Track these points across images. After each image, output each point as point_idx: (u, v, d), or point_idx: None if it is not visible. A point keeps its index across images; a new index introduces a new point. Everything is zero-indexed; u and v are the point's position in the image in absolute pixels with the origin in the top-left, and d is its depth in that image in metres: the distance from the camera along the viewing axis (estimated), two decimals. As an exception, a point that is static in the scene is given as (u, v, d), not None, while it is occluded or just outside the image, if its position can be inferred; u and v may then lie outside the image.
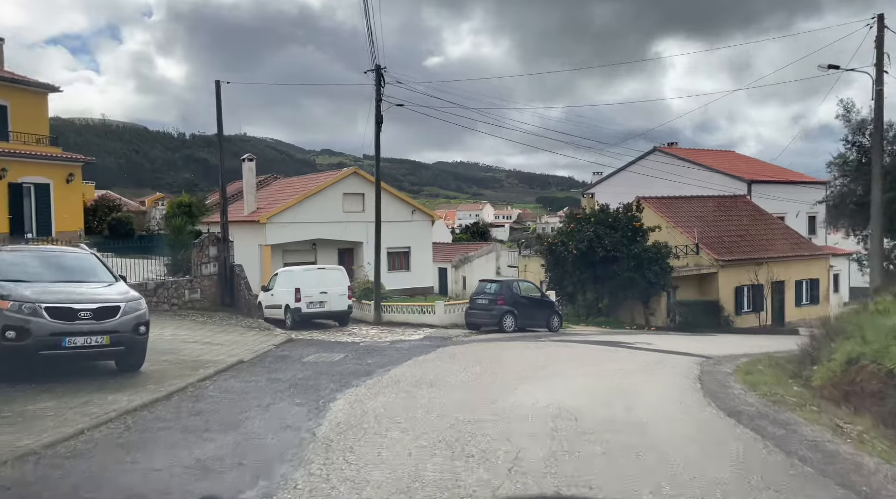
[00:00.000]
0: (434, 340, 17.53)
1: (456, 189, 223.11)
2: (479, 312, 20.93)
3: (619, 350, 15.61)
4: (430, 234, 36.24)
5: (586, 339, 19.16)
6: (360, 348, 15.20)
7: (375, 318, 22.37)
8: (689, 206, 33.54)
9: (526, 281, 22.69)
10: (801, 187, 38.85)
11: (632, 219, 27.59)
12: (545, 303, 21.85)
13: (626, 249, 26.93)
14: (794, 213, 38.67)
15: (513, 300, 20.81)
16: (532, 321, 21.37)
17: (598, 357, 14.09)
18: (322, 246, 33.98)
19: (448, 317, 21.88)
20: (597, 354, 14.57)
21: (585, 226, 27.80)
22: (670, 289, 27.37)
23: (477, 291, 21.42)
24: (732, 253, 30.29)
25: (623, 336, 21.11)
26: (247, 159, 33.90)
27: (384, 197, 34.68)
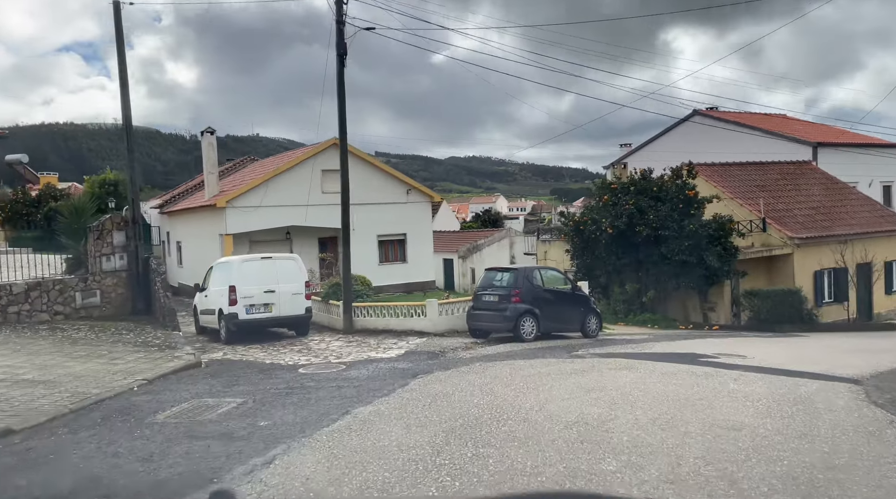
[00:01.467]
0: (416, 360, 11.61)
1: (469, 184, 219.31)
2: (485, 314, 14.97)
3: (716, 374, 9.53)
4: (429, 217, 30.30)
5: (643, 349, 13.12)
6: (285, 384, 9.31)
7: (346, 324, 16.47)
8: (747, 174, 27.26)
9: (550, 269, 16.68)
10: (873, 152, 32.34)
11: (683, 187, 21.44)
12: (578, 298, 15.82)
13: (678, 226, 20.80)
14: (865, 182, 32.17)
15: (533, 296, 14.83)
16: (560, 324, 15.38)
17: (692, 392, 8.02)
18: (299, 235, 28.15)
19: (444, 320, 15.94)
20: (687, 386, 8.51)
21: (623, 198, 21.68)
22: (736, 275, 21.20)
23: (483, 285, 15.46)
24: (808, 229, 24.00)
25: (690, 343, 15.00)
26: (206, 132, 28.14)
27: (370, 172, 28.74)
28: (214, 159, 28.33)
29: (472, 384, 8.59)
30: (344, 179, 17.09)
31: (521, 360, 11.37)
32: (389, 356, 12.31)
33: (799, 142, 31.12)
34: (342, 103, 16.64)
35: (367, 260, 28.18)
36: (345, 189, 17.11)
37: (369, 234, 28.34)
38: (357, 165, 28.11)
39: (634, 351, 12.83)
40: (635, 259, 21.74)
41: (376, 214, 28.42)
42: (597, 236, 22.21)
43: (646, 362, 10.88)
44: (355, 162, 28.15)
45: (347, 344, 14.43)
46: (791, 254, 23.06)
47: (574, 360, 11.31)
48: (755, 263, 22.78)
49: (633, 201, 21.21)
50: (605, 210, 22.23)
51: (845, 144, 31.22)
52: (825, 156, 30.51)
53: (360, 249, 28.41)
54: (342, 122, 16.87)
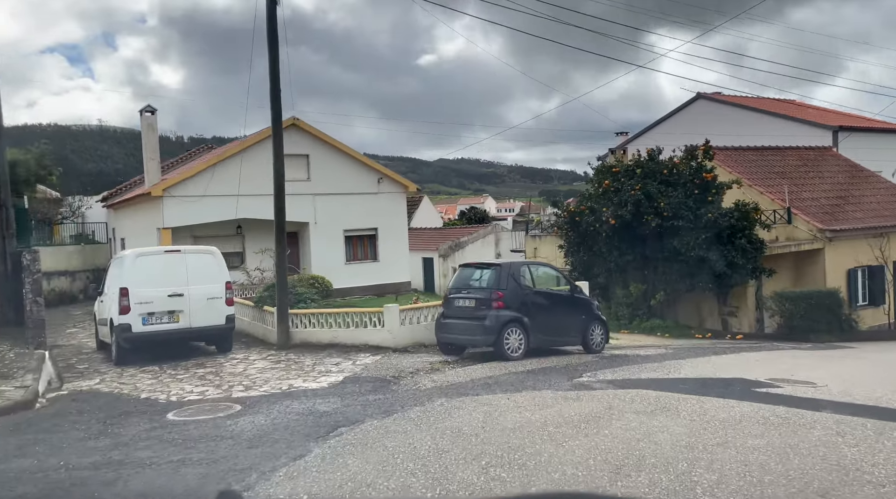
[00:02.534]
0: (352, 394, 8.09)
1: (458, 186, 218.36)
2: (459, 324, 11.45)
3: (798, 419, 6.06)
4: (403, 210, 26.74)
5: (669, 373, 9.66)
6: (112, 447, 5.79)
7: (280, 338, 12.84)
8: (763, 159, 23.98)
9: (543, 264, 13.15)
10: None
11: (699, 170, 18.05)
12: (578, 303, 12.34)
13: (693, 215, 17.42)
14: (889, 170, 28.95)
15: (520, 299, 11.35)
16: (556, 336, 11.91)
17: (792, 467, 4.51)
18: (252, 229, 24.49)
19: (407, 331, 12.42)
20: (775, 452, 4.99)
21: (628, 183, 18.26)
22: (762, 274, 17.82)
23: (457, 286, 11.93)
24: (839, 221, 20.71)
25: (724, 360, 11.57)
26: (145, 111, 24.44)
27: (335, 157, 25.05)
28: (155, 143, 24.63)
29: (416, 454, 5.07)
30: (277, 148, 13.51)
31: (503, 394, 7.86)
32: (318, 387, 8.76)
33: (817, 126, 27.89)
34: (274, 55, 13.08)
35: (331, 258, 24.61)
36: (278, 165, 13.54)
37: (334, 228, 24.78)
38: (318, 148, 24.51)
39: (660, 376, 9.35)
40: (641, 255, 18.34)
41: (342, 205, 24.87)
42: (596, 229, 18.79)
43: (685, 398, 7.40)
44: (316, 144, 24.59)
45: (273, 366, 10.84)
46: (822, 249, 19.75)
47: (580, 393, 7.81)
48: (778, 261, 19.44)
49: (640, 186, 17.79)
50: (606, 198, 18.80)
51: (868, 129, 28.04)
52: (846, 141, 27.29)
53: (322, 245, 24.86)
54: (274, 78, 13.29)
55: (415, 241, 33.71)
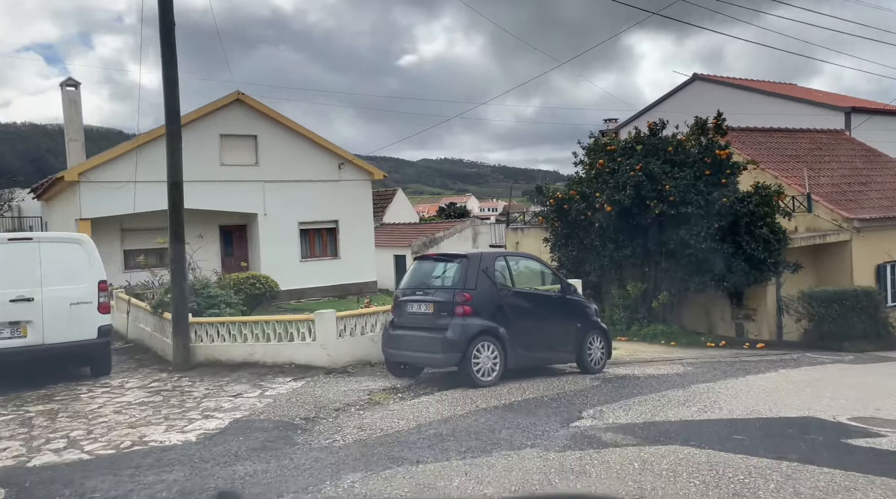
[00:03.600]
0: (209, 466, 4.99)
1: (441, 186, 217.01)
2: (412, 336, 8.44)
3: None
4: (368, 199, 23.64)
5: (703, 407, 6.72)
6: None
7: (178, 354, 9.63)
8: (773, 141, 21.26)
9: (526, 256, 10.06)
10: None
11: (710, 147, 15.19)
12: (571, 306, 9.36)
13: (704, 200, 14.56)
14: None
15: (495, 303, 8.39)
16: (542, 352, 8.94)
17: None
18: (193, 222, 21.20)
19: (347, 345, 9.38)
20: None
21: (626, 162, 15.37)
22: (787, 270, 14.97)
23: (411, 284, 8.90)
24: (865, 209, 17.99)
25: (765, 380, 8.68)
26: (66, 86, 21.12)
27: (288, 139, 21.74)
28: (78, 122, 21.35)
29: None
30: (169, 105, 10.34)
31: (459, 458, 4.89)
32: (179, 441, 5.70)
33: (826, 107, 25.25)
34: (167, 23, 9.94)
35: (283, 255, 21.49)
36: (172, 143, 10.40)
37: (287, 220, 21.66)
38: (268, 127, 21.34)
39: (696, 416, 6.41)
40: (642, 248, 15.46)
41: (297, 194, 21.75)
42: (588, 218, 15.89)
43: (755, 466, 4.44)
44: (265, 124, 21.43)
45: (148, 399, 7.73)
46: (848, 241, 17.01)
47: (583, 458, 4.85)
48: (795, 255, 16.64)
49: (641, 165, 14.89)
50: (600, 181, 15.89)
51: (884, 111, 25.46)
52: (860, 125, 24.67)
53: (274, 240, 21.71)
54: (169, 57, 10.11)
55: (387, 237, 30.69)
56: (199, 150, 20.26)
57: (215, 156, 20.54)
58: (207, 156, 20.38)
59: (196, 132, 20.22)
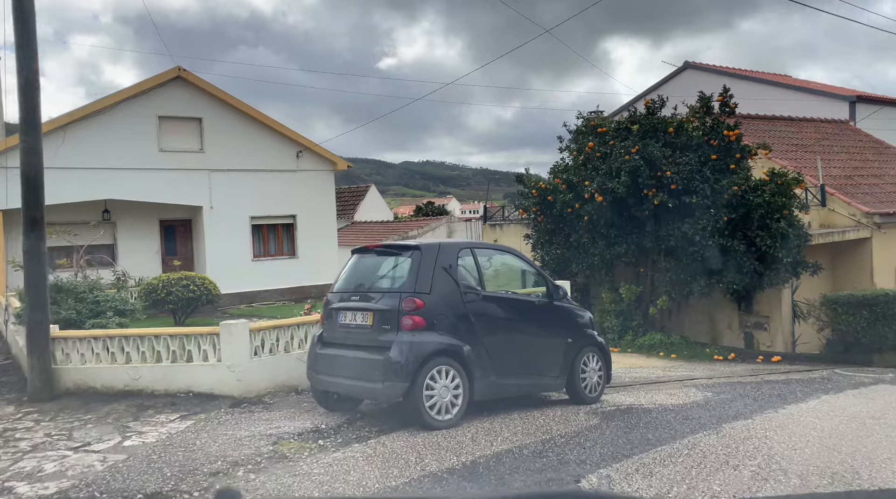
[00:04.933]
0: None
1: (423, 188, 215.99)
2: (344, 357, 6.17)
3: None
4: (331, 193, 21.28)
5: (758, 470, 4.50)
6: None
7: (35, 381, 7.21)
8: (777, 130, 19.33)
9: (500, 249, 7.71)
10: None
11: (717, 127, 13.11)
12: (561, 317, 7.12)
13: (711, 189, 12.48)
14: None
15: (457, 311, 6.15)
16: (521, 376, 6.70)
17: None
18: (127, 215, 18.80)
19: (264, 367, 7.07)
20: None
21: (620, 144, 13.25)
22: (807, 270, 12.89)
23: (345, 286, 6.64)
24: (884, 204, 16.05)
25: (810, 412, 6.50)
26: (-18, 59, 18.54)
27: (238, 123, 19.18)
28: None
29: None
30: (23, 76, 7.92)
31: None
32: None
33: (830, 96, 23.41)
34: None
35: (232, 253, 19.06)
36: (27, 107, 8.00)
37: (237, 214, 19.24)
38: (215, 109, 18.88)
39: (754, 491, 4.18)
40: (637, 245, 13.33)
41: (248, 185, 19.35)
42: (575, 210, 13.73)
43: None
44: (211, 105, 18.98)
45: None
46: (869, 239, 15.03)
47: None
48: (812, 254, 14.65)
49: (639, 149, 12.76)
50: (590, 167, 13.75)
51: (891, 102, 23.66)
52: (865, 115, 22.85)
53: (221, 236, 19.22)
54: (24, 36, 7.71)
55: (356, 235, 28.43)
56: (134, 133, 17.81)
57: (152, 140, 18.07)
58: (143, 140, 17.91)
59: (129, 113, 17.75)
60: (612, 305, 14.12)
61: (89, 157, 17.05)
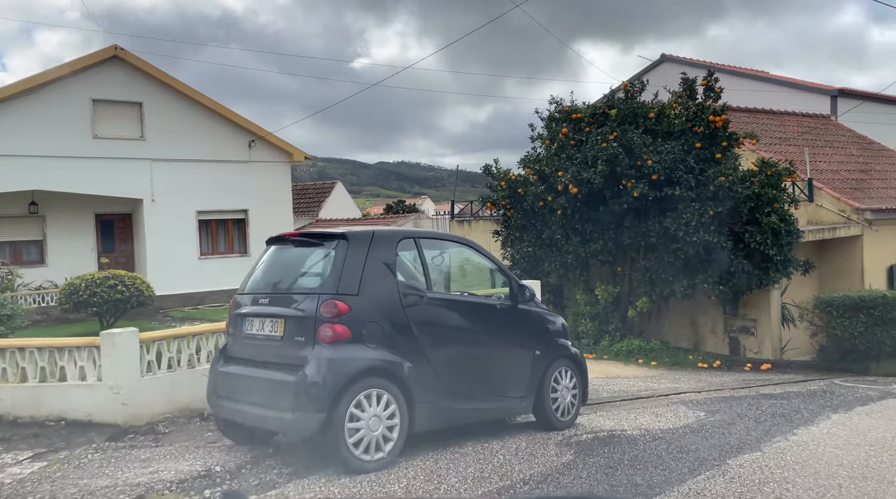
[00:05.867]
0: None
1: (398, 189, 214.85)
2: (248, 378, 4.78)
3: None
4: (287, 186, 19.80)
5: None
6: None
7: None
8: (759, 122, 18.31)
9: (453, 240, 6.39)
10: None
11: (701, 113, 11.97)
12: (527, 322, 5.85)
13: (695, 179, 11.35)
14: (888, 149, 23.97)
15: (395, 318, 4.84)
16: (477, 398, 5.39)
17: None
18: (57, 207, 17.09)
19: (159, 387, 5.67)
20: None
21: (597, 131, 12.05)
22: (798, 269, 11.81)
23: (257, 284, 5.31)
24: (873, 199, 15.13)
25: (827, 438, 5.27)
26: None
27: (184, 108, 17.28)
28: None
29: None
30: None
31: None
32: None
33: (812, 90, 22.60)
34: None
35: (177, 250, 17.47)
36: None
37: (182, 209, 17.65)
38: (158, 93, 17.24)
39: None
40: (615, 242, 12.15)
41: (195, 177, 17.78)
42: (548, 204, 12.49)
43: None
44: (153, 88, 17.36)
45: None
46: (860, 236, 14.07)
47: None
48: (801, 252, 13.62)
49: (617, 135, 11.57)
50: (564, 157, 12.54)
51: (874, 97, 22.94)
52: (846, 110, 22.07)
53: (164, 232, 17.54)
54: None
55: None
56: (64, 118, 16.15)
57: (86, 126, 16.42)
58: (75, 125, 16.26)
59: (59, 95, 16.08)
60: (588, 308, 12.92)
61: (12, 142, 15.36)
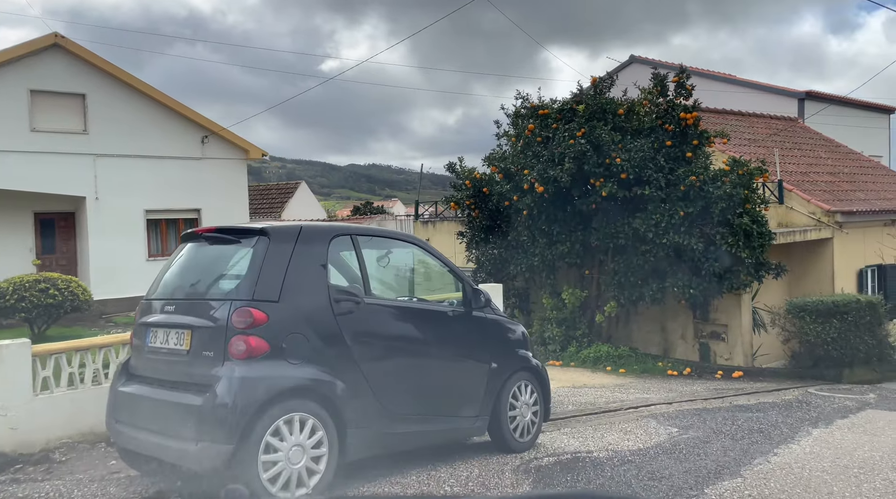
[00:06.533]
0: None
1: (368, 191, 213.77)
2: (148, 401, 4.02)
3: None
4: (243, 184, 18.89)
5: None
6: None
7: None
8: (727, 123, 17.98)
9: (399, 238, 5.61)
10: (864, 115, 24.40)
11: (671, 110, 11.50)
12: (481, 331, 5.19)
13: (665, 179, 10.88)
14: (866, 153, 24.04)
15: (324, 328, 4.14)
16: (425, 420, 4.73)
17: None
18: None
19: (57, 407, 4.91)
20: None
21: (564, 127, 11.51)
22: (770, 272, 11.39)
23: (165, 289, 4.57)
24: (843, 201, 14.89)
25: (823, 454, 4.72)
26: None
27: (126, 97, 16.07)
28: None
29: None
30: None
31: None
32: None
33: (779, 93, 22.50)
34: None
35: (123, 252, 16.42)
36: None
37: (128, 208, 16.64)
38: (102, 85, 16.18)
39: None
40: (582, 244, 11.63)
41: (143, 174, 16.79)
42: (513, 203, 11.91)
43: None
44: (98, 79, 16.33)
45: None
46: (830, 239, 13.79)
47: None
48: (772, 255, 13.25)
49: (585, 131, 11.03)
50: (530, 154, 11.97)
51: (840, 100, 22.91)
52: (813, 113, 22.00)
53: (108, 233, 16.50)
54: None
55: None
56: (2, 108, 15.05)
57: (23, 118, 15.34)
58: (11, 118, 15.17)
59: None
60: (554, 313, 12.37)
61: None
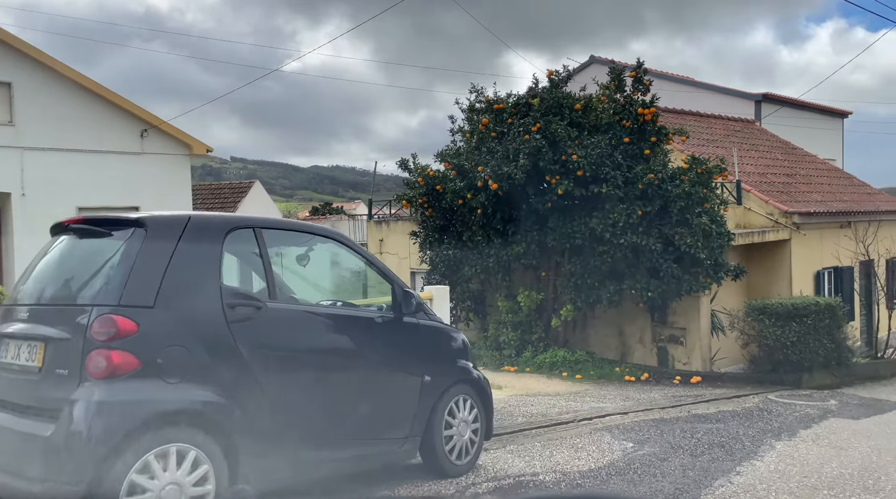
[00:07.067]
0: None
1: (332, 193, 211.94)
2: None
3: None
4: (186, 182, 17.88)
5: None
6: None
7: None
8: (685, 122, 17.69)
9: (316, 233, 4.81)
10: (819, 118, 24.60)
11: (630, 106, 11.07)
12: (413, 341, 4.56)
13: (623, 177, 10.44)
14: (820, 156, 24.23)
15: (214, 340, 3.50)
16: (341, 445, 4.07)
17: None
18: None
19: None
20: None
21: (519, 122, 10.99)
22: (729, 274, 11.04)
23: (26, 294, 3.82)
24: (800, 203, 14.74)
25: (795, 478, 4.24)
26: None
27: (57, 87, 15.07)
28: None
29: None
30: None
31: None
32: None
33: (737, 95, 22.47)
34: None
35: (52, 251, 15.32)
36: None
37: (59, 205, 15.39)
38: (30, 73, 14.97)
39: None
40: (538, 244, 11.13)
41: (76, 169, 15.68)
42: (467, 201, 11.32)
43: None
44: (26, 67, 15.14)
45: None
46: (788, 241, 13.59)
47: None
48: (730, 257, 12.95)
49: (541, 126, 10.53)
50: (484, 150, 11.42)
51: (798, 104, 22.98)
52: (770, 115, 22.03)
53: (37, 232, 15.49)
54: None
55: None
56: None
57: (-61, 106, 14.15)
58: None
59: None
60: (510, 316, 11.85)
61: None
